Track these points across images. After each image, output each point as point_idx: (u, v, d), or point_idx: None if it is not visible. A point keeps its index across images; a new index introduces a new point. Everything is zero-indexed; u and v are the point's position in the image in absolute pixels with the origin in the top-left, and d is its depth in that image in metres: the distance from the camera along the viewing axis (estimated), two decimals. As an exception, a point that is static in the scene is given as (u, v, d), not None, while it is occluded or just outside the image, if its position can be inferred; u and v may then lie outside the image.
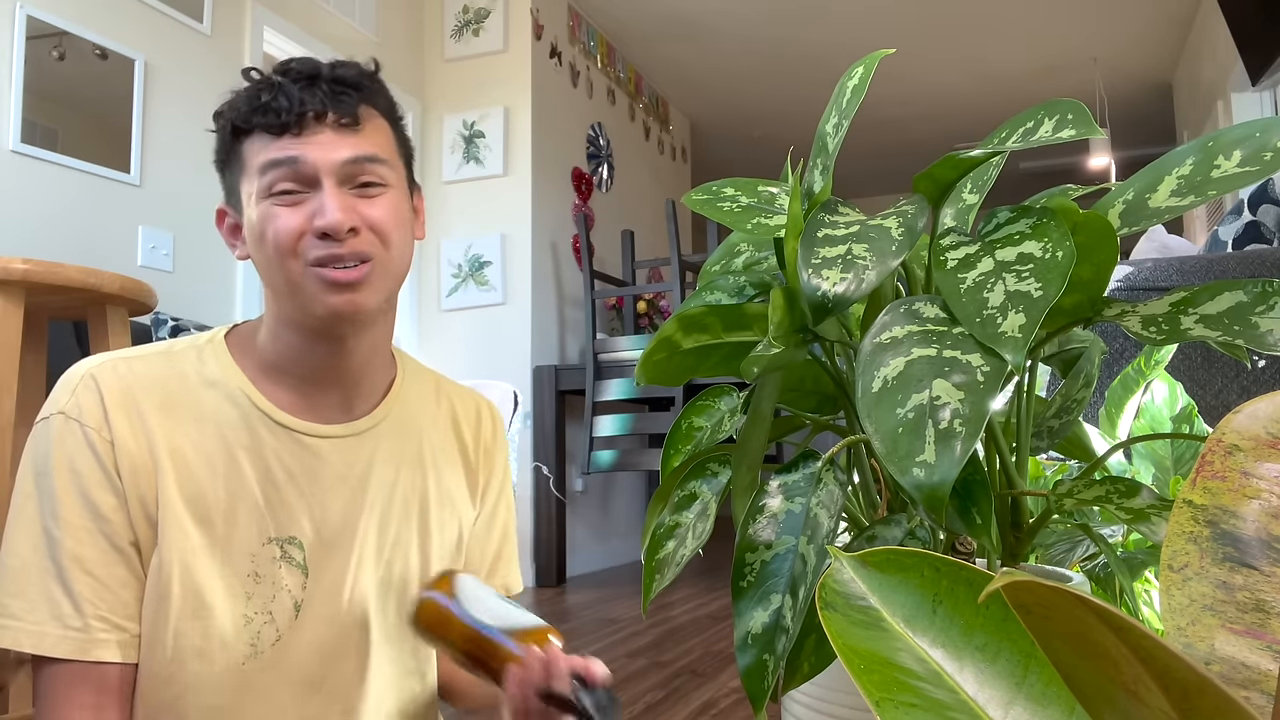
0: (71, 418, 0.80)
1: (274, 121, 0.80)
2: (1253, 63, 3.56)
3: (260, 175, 0.81)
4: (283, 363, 0.87)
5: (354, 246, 0.80)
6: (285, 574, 0.84)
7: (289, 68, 0.83)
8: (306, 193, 0.80)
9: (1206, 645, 0.29)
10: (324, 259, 0.80)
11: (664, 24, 4.87)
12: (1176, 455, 1.10)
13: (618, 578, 4.13)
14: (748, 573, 0.67)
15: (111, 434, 0.80)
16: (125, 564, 0.79)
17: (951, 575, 0.34)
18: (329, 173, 0.80)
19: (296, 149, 0.80)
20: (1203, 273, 1.68)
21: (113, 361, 0.83)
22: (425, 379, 1.01)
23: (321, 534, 0.86)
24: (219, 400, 0.85)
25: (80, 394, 0.81)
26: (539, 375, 4.02)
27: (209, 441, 0.83)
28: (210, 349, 0.88)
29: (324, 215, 0.79)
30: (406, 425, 0.95)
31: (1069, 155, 6.54)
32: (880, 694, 0.31)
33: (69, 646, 0.77)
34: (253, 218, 0.82)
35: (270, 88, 0.81)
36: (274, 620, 0.83)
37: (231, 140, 0.84)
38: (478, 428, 1.02)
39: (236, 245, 0.88)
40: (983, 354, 0.58)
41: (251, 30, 3.28)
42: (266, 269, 0.83)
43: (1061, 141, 0.70)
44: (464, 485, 0.99)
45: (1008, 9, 4.75)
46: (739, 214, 0.91)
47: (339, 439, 0.89)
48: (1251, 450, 0.32)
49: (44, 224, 2.56)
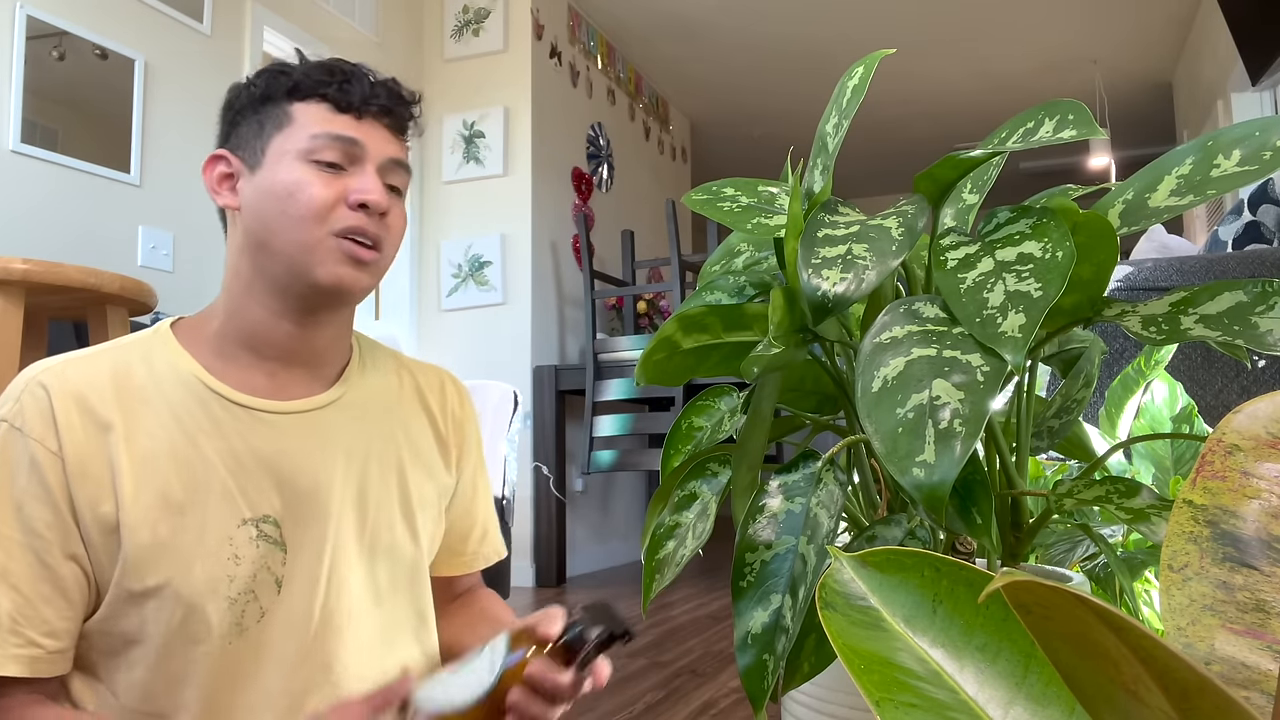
0: (15, 427, 0.79)
1: (344, 99, 0.87)
2: (1253, 63, 3.56)
3: (310, 138, 0.85)
4: (246, 340, 0.88)
5: (379, 229, 0.86)
6: (264, 552, 0.84)
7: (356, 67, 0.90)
8: (345, 170, 0.86)
9: (1206, 645, 0.29)
10: (353, 229, 0.84)
11: (664, 24, 4.87)
12: (1176, 455, 1.10)
13: (618, 578, 4.13)
14: (748, 573, 0.67)
15: (59, 443, 0.79)
16: (50, 581, 0.79)
17: (951, 575, 0.34)
18: (376, 160, 0.87)
19: (357, 131, 0.86)
20: (1203, 273, 1.68)
21: (61, 365, 0.83)
22: (383, 356, 1.02)
23: (294, 509, 0.86)
24: (173, 389, 0.85)
25: (25, 401, 0.80)
26: (539, 375, 4.02)
27: (168, 432, 0.83)
28: (156, 340, 0.88)
29: (368, 192, 0.85)
30: (371, 397, 0.96)
31: (1069, 155, 6.54)
32: (880, 694, 0.31)
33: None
34: (280, 175, 0.85)
35: (344, 71, 0.88)
36: (258, 599, 0.83)
37: (284, 97, 0.87)
38: (443, 399, 1.03)
39: (221, 193, 0.89)
40: (983, 354, 0.58)
41: (251, 30, 3.28)
42: (277, 226, 0.84)
43: (1062, 142, 0.70)
44: (439, 460, 1.00)
45: (1008, 9, 4.75)
46: (739, 214, 0.91)
47: (300, 414, 0.89)
48: (1251, 450, 0.32)
49: (44, 224, 2.56)
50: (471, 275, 4.12)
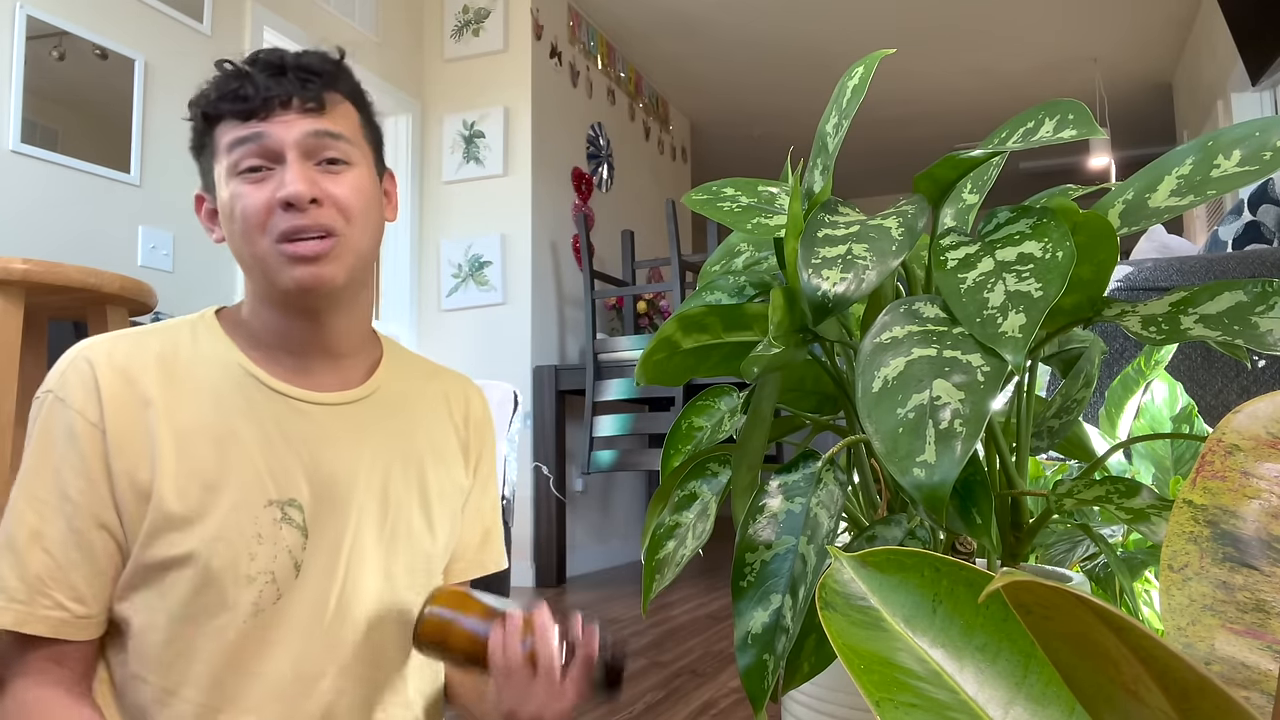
0: (59, 397, 0.82)
1: (241, 107, 0.85)
2: (1253, 63, 3.56)
3: (228, 154, 0.85)
4: (267, 338, 0.90)
5: (316, 218, 0.84)
6: (286, 535, 0.86)
7: (257, 58, 0.87)
8: (273, 169, 0.84)
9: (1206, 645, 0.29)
10: (288, 231, 0.83)
11: (664, 23, 4.87)
12: (1176, 455, 1.10)
13: (618, 578, 4.13)
14: (748, 573, 0.67)
15: (101, 415, 0.82)
16: (81, 546, 0.81)
17: (951, 575, 0.34)
18: (292, 146, 0.84)
19: (260, 126, 0.84)
20: (1203, 273, 1.68)
21: (108, 341, 0.86)
22: (413, 361, 1.05)
23: (320, 496, 0.88)
24: (214, 371, 0.87)
25: (70, 374, 0.83)
26: (539, 375, 4.02)
27: (207, 412, 0.85)
28: (202, 325, 0.91)
29: (285, 186, 0.83)
30: (399, 398, 0.98)
31: (1069, 155, 6.54)
32: (880, 694, 0.31)
33: (9, 618, 0.79)
34: (224, 197, 0.86)
35: (239, 76, 0.86)
36: (275, 580, 0.85)
37: (204, 126, 0.88)
38: (466, 406, 1.06)
39: (214, 230, 0.92)
40: (983, 354, 0.58)
41: (251, 30, 3.28)
42: (237, 246, 0.87)
43: (1062, 141, 0.70)
44: (460, 463, 1.03)
45: (1008, 9, 4.75)
46: (739, 214, 0.91)
47: (332, 406, 0.91)
48: (1251, 450, 0.32)
49: (44, 224, 2.56)
50: (471, 275, 4.12)
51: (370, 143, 0.93)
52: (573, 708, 0.85)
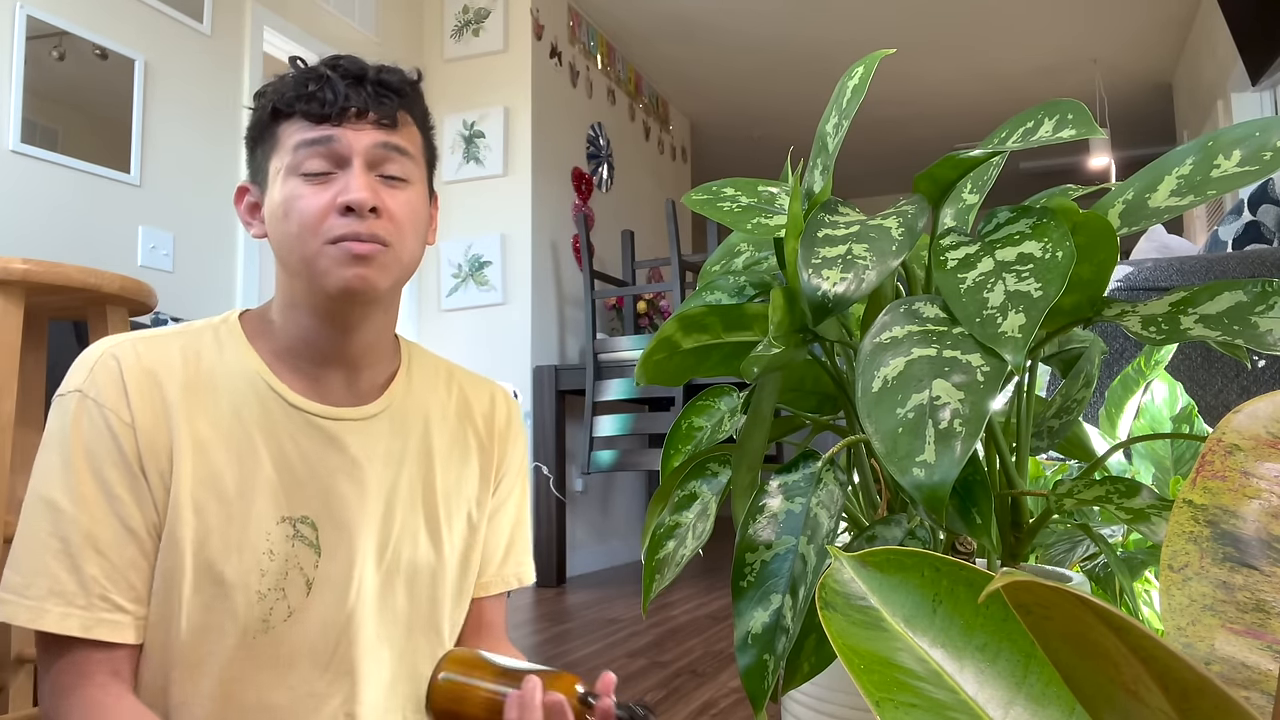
0: (89, 396, 0.81)
1: (316, 110, 0.84)
2: (1253, 63, 3.56)
3: (293, 153, 0.84)
4: (292, 344, 0.89)
5: (373, 227, 0.83)
6: (299, 552, 0.86)
7: (338, 63, 0.87)
8: (334, 173, 0.84)
9: (1206, 645, 0.29)
10: (345, 235, 0.83)
11: (664, 24, 4.87)
12: (1176, 455, 1.10)
13: (618, 578, 4.13)
14: (748, 573, 0.67)
15: (131, 415, 0.81)
16: (136, 545, 0.81)
17: (951, 575, 0.34)
18: (360, 154, 0.85)
19: (332, 130, 0.84)
20: (1203, 273, 1.68)
21: (133, 341, 0.85)
22: (435, 368, 1.03)
23: (333, 514, 0.88)
24: (236, 381, 0.87)
25: (98, 373, 0.82)
26: (539, 375, 4.02)
27: (226, 422, 0.85)
28: (226, 330, 0.90)
29: (350, 191, 0.82)
30: (411, 413, 0.96)
31: (1069, 155, 6.54)
32: (880, 694, 0.31)
33: (74, 624, 0.78)
34: (276, 195, 0.85)
35: (318, 79, 0.85)
36: (286, 596, 0.85)
37: (270, 120, 0.87)
38: (491, 413, 1.03)
39: (253, 224, 0.91)
40: (983, 354, 0.58)
41: (251, 30, 3.28)
42: (284, 244, 0.85)
43: (1062, 141, 0.70)
44: (475, 473, 1.00)
45: (1008, 9, 4.75)
46: (739, 214, 0.91)
47: (349, 422, 0.91)
48: (1251, 450, 0.32)
49: (44, 224, 2.56)
50: (471, 275, 4.12)
51: (427, 165, 0.94)
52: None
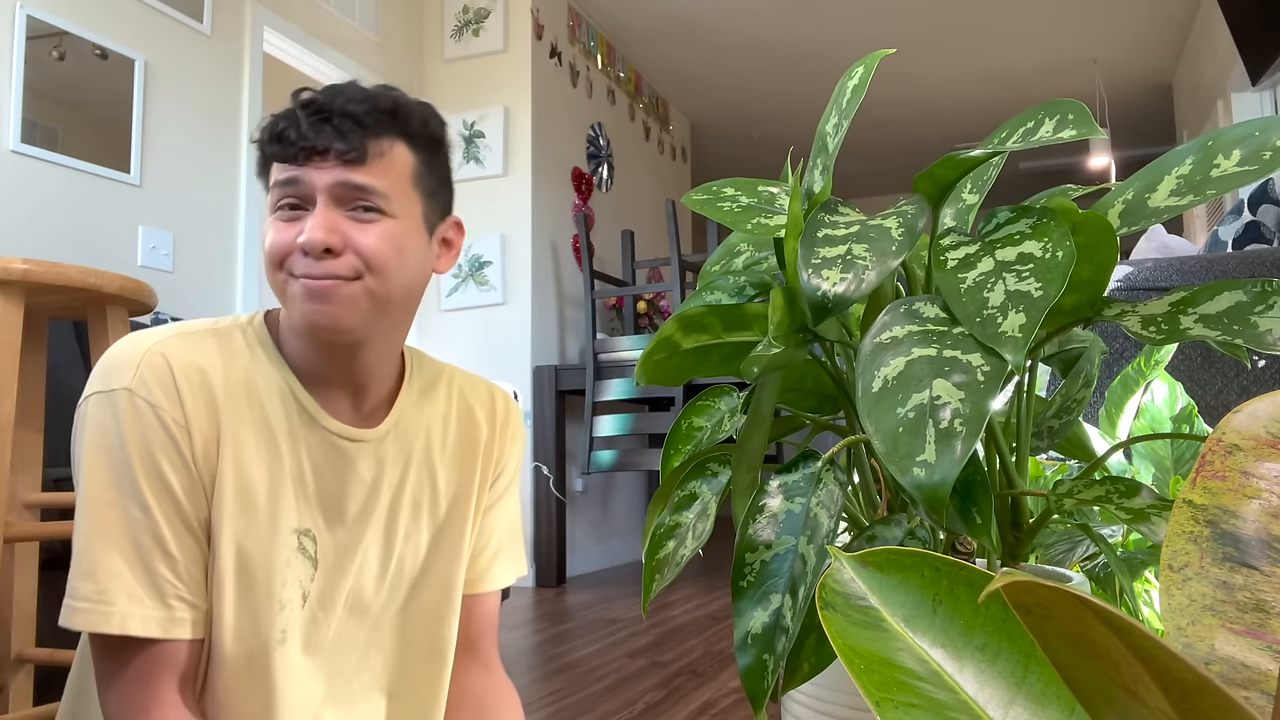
0: (140, 396, 0.80)
1: (281, 152, 0.85)
2: (1253, 63, 3.56)
3: (271, 191, 0.86)
4: (296, 362, 0.90)
5: (329, 267, 0.82)
6: (299, 564, 0.86)
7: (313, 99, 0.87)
8: (305, 211, 0.84)
9: (1206, 645, 0.29)
10: (301, 274, 0.83)
11: (664, 24, 4.87)
12: (1176, 455, 1.10)
13: (618, 578, 4.13)
14: (748, 573, 0.67)
15: (185, 414, 0.81)
16: (197, 543, 0.81)
17: (951, 575, 0.34)
18: (322, 191, 0.84)
19: (294, 171, 0.84)
20: (1203, 273, 1.68)
21: (176, 338, 0.84)
22: (436, 376, 1.03)
23: (334, 530, 0.89)
24: (269, 389, 0.87)
25: (146, 371, 0.81)
26: (539, 375, 4.02)
27: (260, 429, 0.85)
28: (253, 334, 0.90)
29: (305, 232, 0.82)
30: (415, 424, 0.97)
31: (1069, 155, 6.54)
32: (880, 694, 0.31)
33: (155, 627, 0.78)
34: (264, 228, 0.87)
35: (288, 117, 0.86)
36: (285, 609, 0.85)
37: (263, 160, 0.88)
38: (492, 414, 1.04)
39: None
40: (983, 354, 0.58)
41: (251, 30, 3.28)
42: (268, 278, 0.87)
43: (1062, 141, 0.70)
44: (475, 477, 1.01)
45: (1008, 9, 4.75)
46: (739, 214, 0.91)
47: (361, 443, 0.91)
48: (1251, 450, 0.32)
49: (44, 224, 2.56)
50: (471, 275, 4.12)
51: (423, 191, 0.91)
52: None
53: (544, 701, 2.08)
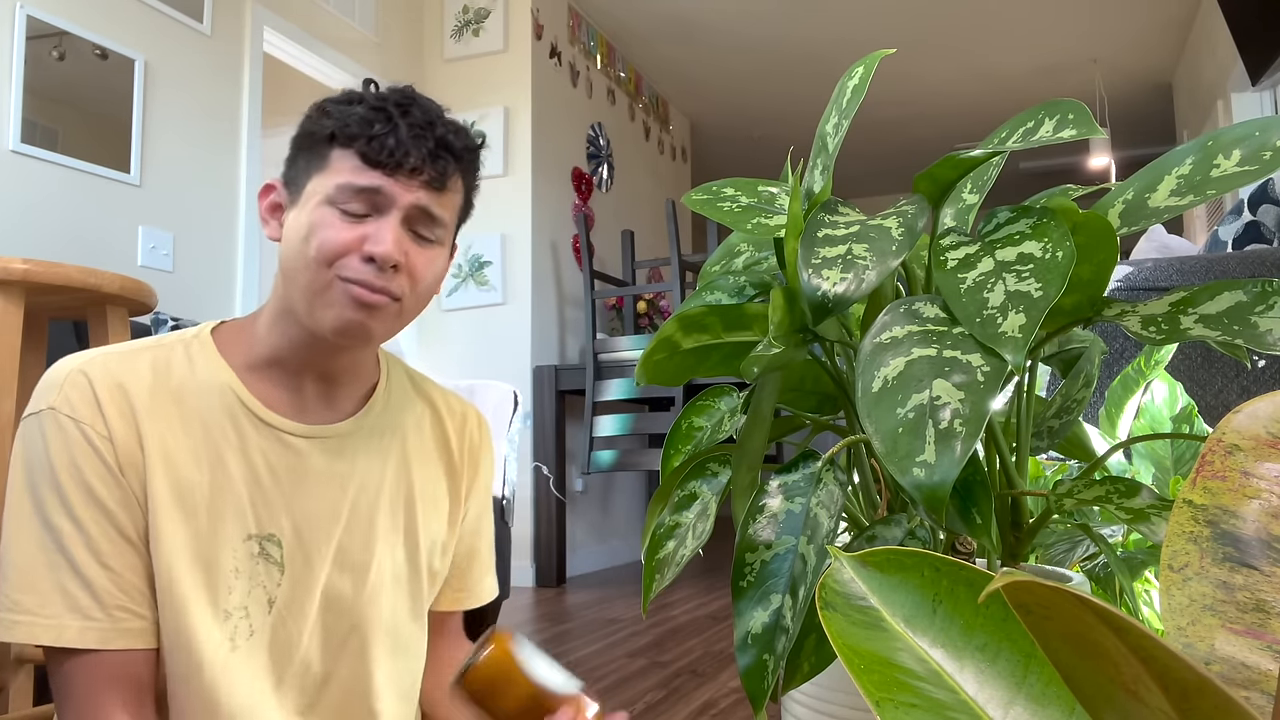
0: (63, 414, 0.80)
1: (373, 154, 0.83)
2: (1253, 63, 3.56)
3: (338, 186, 0.83)
4: (274, 353, 0.88)
5: (388, 282, 0.83)
6: (263, 570, 0.85)
7: (409, 106, 0.86)
8: (369, 216, 0.84)
9: (1206, 645, 0.29)
10: (357, 280, 0.82)
11: (664, 24, 4.87)
12: (1176, 455, 1.10)
13: (618, 578, 4.13)
14: (748, 573, 0.67)
15: (107, 428, 0.80)
16: (135, 553, 0.80)
17: (951, 575, 0.34)
18: (399, 208, 0.84)
19: (381, 181, 0.83)
20: (1203, 273, 1.68)
21: (102, 357, 0.84)
22: (409, 382, 1.02)
23: (300, 532, 0.87)
24: (206, 397, 0.86)
25: (69, 390, 0.81)
26: (539, 375, 4.02)
27: (195, 438, 0.84)
28: (197, 345, 0.89)
29: (379, 243, 0.82)
30: (389, 427, 0.96)
31: (1069, 155, 6.54)
32: (880, 694, 0.31)
33: (93, 637, 0.77)
34: (306, 215, 0.84)
35: (386, 120, 0.84)
36: (249, 616, 0.84)
37: (325, 140, 0.86)
38: (463, 430, 1.03)
39: (269, 223, 0.90)
40: (983, 354, 0.58)
41: (251, 30, 3.28)
42: (295, 264, 0.85)
43: (1062, 141, 0.70)
44: (445, 486, 1.00)
45: (1008, 9, 4.75)
46: (739, 214, 0.91)
47: (322, 439, 0.90)
48: (1251, 450, 0.32)
49: (44, 224, 2.56)
50: (471, 275, 4.12)
51: (459, 224, 0.94)
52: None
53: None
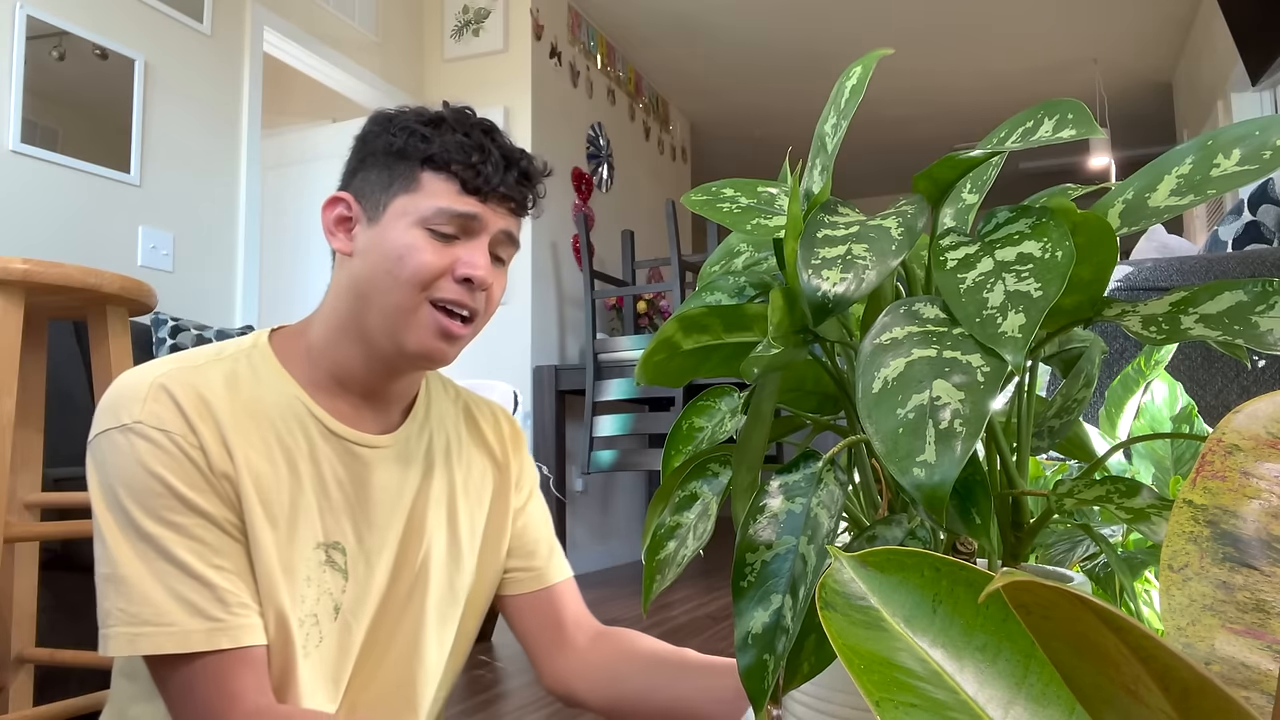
0: (151, 426, 0.80)
1: (474, 181, 0.88)
2: (1253, 63, 3.56)
3: (433, 210, 0.87)
4: (337, 372, 0.90)
5: (475, 301, 0.89)
6: (329, 578, 0.87)
7: (494, 134, 0.91)
8: (459, 239, 0.88)
9: (1206, 645, 0.29)
10: (452, 301, 0.87)
11: (664, 24, 4.86)
12: (1176, 455, 1.10)
13: (618, 578, 4.12)
14: (748, 573, 0.67)
15: (198, 439, 0.81)
16: (243, 552, 0.82)
17: (951, 575, 0.34)
18: (489, 233, 0.89)
19: (478, 208, 0.88)
20: (1203, 273, 1.68)
21: (177, 370, 0.84)
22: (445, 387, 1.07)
23: (362, 540, 0.90)
24: (277, 407, 0.87)
25: (153, 404, 0.81)
26: (539, 375, 4.02)
27: (272, 447, 0.85)
28: (259, 356, 0.90)
29: (475, 267, 0.87)
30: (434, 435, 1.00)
31: (1069, 155, 6.54)
32: (880, 694, 0.31)
33: (225, 638, 0.78)
34: (395, 236, 0.86)
35: (481, 151, 0.89)
36: (319, 623, 0.86)
37: (419, 162, 0.88)
38: (498, 428, 1.08)
39: (337, 235, 0.91)
40: (983, 354, 0.58)
41: (251, 30, 3.28)
42: (381, 284, 0.86)
43: (1061, 141, 0.70)
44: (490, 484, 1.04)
45: (1008, 9, 4.75)
46: (739, 215, 0.91)
47: (383, 449, 0.93)
48: (1251, 450, 0.32)
49: (44, 224, 2.56)
50: (471, 275, 4.12)
51: None
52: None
53: (544, 701, 2.07)
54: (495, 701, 2.13)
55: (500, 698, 2.16)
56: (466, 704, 2.10)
